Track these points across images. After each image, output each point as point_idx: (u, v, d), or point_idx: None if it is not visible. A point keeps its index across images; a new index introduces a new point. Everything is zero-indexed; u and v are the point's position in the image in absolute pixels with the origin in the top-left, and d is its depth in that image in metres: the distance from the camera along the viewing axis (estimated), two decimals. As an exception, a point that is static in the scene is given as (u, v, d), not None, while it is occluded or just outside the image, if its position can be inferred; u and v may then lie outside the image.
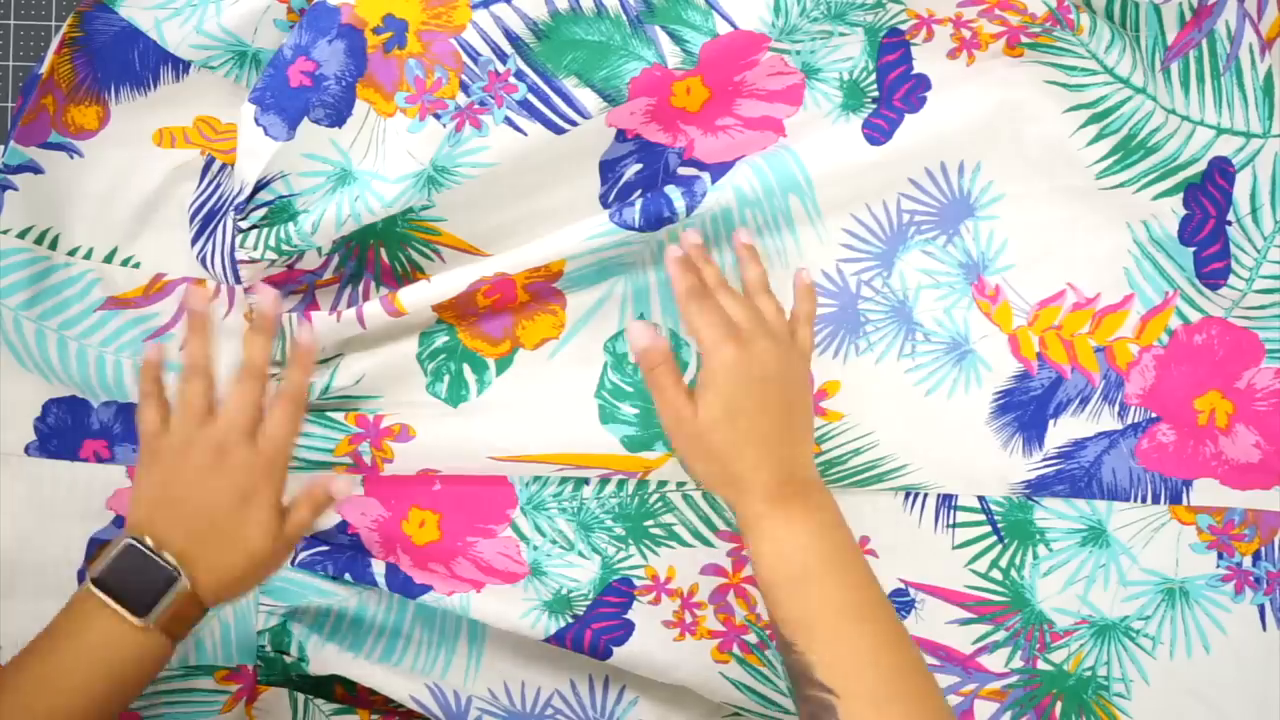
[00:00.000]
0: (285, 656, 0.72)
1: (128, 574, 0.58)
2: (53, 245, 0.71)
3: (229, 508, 0.60)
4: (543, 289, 0.72)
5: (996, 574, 0.74)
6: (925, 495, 0.74)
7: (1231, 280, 0.72)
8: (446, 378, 0.72)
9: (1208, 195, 0.72)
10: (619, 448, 0.71)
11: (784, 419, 0.62)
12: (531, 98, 0.68)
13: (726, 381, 0.61)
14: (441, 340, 0.72)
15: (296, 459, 0.71)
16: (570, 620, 0.71)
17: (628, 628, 0.72)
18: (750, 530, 0.61)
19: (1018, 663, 0.74)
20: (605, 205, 0.73)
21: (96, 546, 0.72)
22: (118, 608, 0.58)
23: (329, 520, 0.72)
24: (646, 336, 0.63)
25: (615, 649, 0.71)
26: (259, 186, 0.68)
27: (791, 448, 0.62)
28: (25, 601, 0.71)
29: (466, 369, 0.72)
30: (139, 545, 0.59)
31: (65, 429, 0.72)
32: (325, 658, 0.71)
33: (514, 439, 0.71)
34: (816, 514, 0.60)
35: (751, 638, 0.72)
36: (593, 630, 0.71)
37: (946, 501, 0.74)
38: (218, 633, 0.72)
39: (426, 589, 0.70)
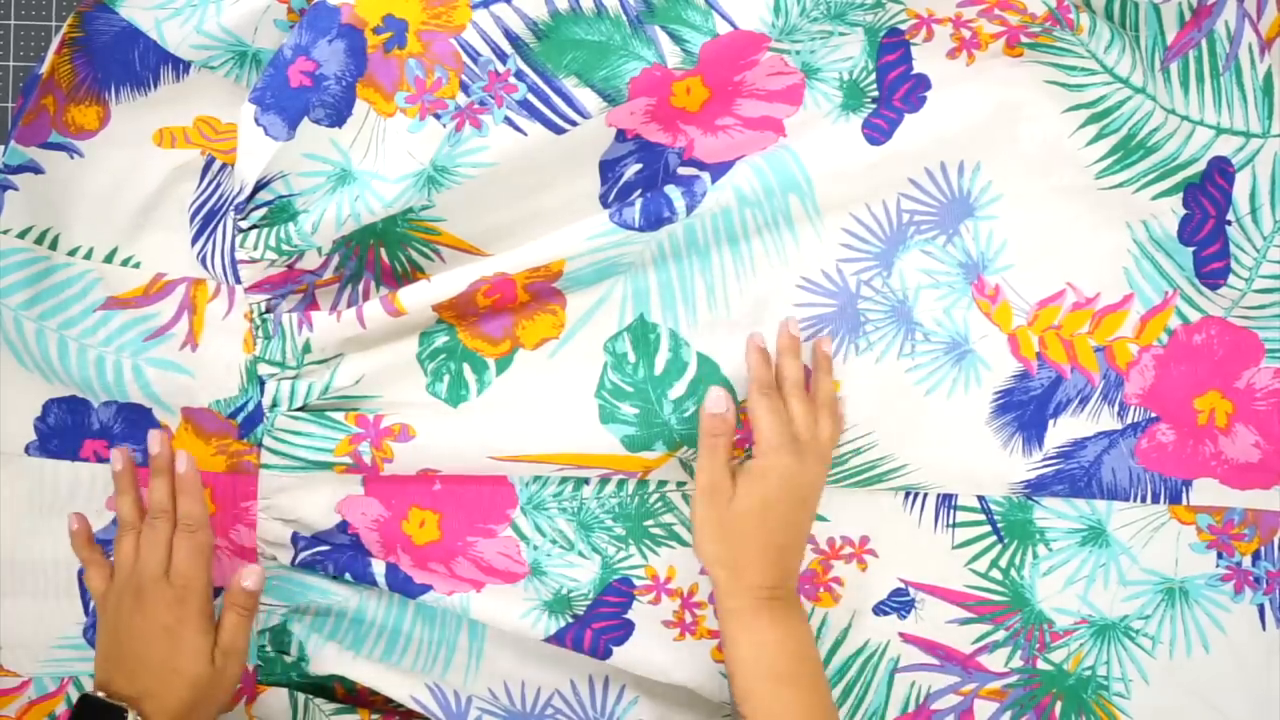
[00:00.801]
0: (285, 656, 0.72)
1: None
2: (53, 245, 0.71)
3: (158, 644, 0.64)
4: (543, 289, 0.72)
5: (996, 574, 0.74)
6: (925, 495, 0.74)
7: (1231, 280, 0.72)
8: (446, 378, 0.72)
9: (1207, 195, 0.72)
10: (619, 447, 0.71)
11: (798, 536, 0.68)
12: (531, 98, 0.68)
13: (774, 486, 0.65)
14: (441, 340, 0.72)
15: (298, 459, 0.71)
16: (570, 620, 0.71)
17: (628, 628, 0.72)
18: (732, 618, 0.65)
19: (1017, 662, 0.74)
20: (605, 205, 0.73)
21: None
22: None
23: (329, 520, 0.72)
24: (721, 405, 0.67)
25: (615, 649, 0.71)
26: (259, 186, 0.68)
27: (793, 561, 0.68)
28: (25, 601, 0.71)
29: (466, 369, 0.72)
30: (92, 697, 0.63)
31: (65, 429, 0.72)
32: (325, 658, 0.71)
33: (514, 439, 0.71)
34: (789, 621, 0.66)
35: (751, 637, 0.72)
36: (593, 630, 0.71)
37: (946, 501, 0.74)
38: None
39: (426, 589, 0.70)
